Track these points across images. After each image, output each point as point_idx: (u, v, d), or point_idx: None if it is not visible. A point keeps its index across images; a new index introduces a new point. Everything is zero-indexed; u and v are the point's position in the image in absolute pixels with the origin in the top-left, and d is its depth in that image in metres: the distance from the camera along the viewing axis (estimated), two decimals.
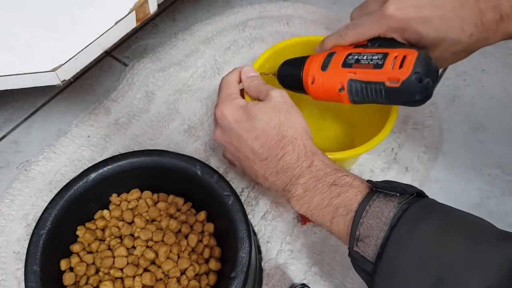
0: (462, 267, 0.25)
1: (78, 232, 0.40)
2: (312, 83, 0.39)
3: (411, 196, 0.29)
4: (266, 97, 0.38)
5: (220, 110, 0.37)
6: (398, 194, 0.29)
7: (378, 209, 0.29)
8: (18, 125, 0.55)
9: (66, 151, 0.51)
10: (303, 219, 0.46)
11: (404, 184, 0.31)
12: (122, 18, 0.40)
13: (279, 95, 0.37)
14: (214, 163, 0.50)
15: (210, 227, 0.41)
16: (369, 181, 0.32)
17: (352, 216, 0.30)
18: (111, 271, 0.38)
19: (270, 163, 0.36)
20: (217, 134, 0.39)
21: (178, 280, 0.38)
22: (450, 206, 0.30)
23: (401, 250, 0.27)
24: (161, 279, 0.38)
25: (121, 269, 0.38)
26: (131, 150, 0.46)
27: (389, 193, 0.30)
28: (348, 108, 0.50)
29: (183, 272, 0.38)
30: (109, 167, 0.40)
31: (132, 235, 0.41)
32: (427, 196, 0.31)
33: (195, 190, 0.40)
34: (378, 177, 0.50)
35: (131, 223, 0.41)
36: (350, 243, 0.30)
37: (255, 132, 0.36)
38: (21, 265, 0.43)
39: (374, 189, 0.31)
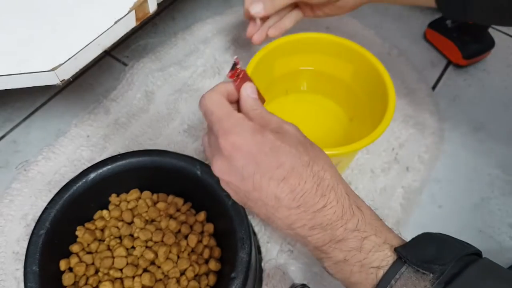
0: None
1: (77, 233, 0.40)
2: None
3: (452, 269, 0.24)
4: (277, 129, 0.28)
5: (230, 141, 0.27)
6: (431, 274, 0.24)
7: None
8: (17, 125, 0.54)
9: (66, 151, 0.51)
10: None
11: (449, 242, 0.27)
12: (122, 18, 0.40)
13: (295, 128, 0.29)
14: None
15: (210, 227, 0.41)
16: (396, 250, 0.26)
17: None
18: (111, 272, 0.38)
19: (303, 214, 0.27)
20: (218, 169, 0.28)
21: (178, 281, 0.38)
22: (506, 276, 0.25)
23: None
24: (160, 280, 0.38)
25: (121, 270, 0.38)
26: (131, 150, 0.46)
27: (419, 270, 0.25)
28: (345, 100, 0.50)
29: (182, 273, 0.38)
30: (109, 167, 0.40)
31: (131, 235, 0.40)
32: (481, 258, 0.26)
33: (195, 190, 0.40)
34: (379, 177, 0.50)
35: (130, 223, 0.41)
36: None
37: (282, 170, 0.26)
38: (21, 265, 0.43)
39: (403, 260, 0.26)
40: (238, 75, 0.31)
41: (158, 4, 0.44)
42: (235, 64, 0.31)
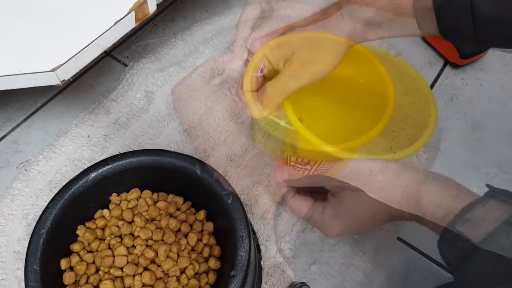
0: None
1: (78, 232, 0.40)
2: None
3: None
4: None
5: None
6: None
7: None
8: (18, 125, 0.55)
9: (66, 151, 0.51)
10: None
11: None
12: (122, 18, 0.41)
13: None
14: (213, 162, 0.51)
15: (209, 226, 0.41)
16: (488, 185, 0.31)
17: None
18: (111, 270, 0.38)
19: None
20: None
21: (178, 279, 0.38)
22: None
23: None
24: (161, 278, 0.38)
25: (121, 268, 0.38)
26: (131, 150, 0.46)
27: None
28: (344, 98, 0.50)
29: (182, 271, 0.39)
30: (109, 166, 0.40)
31: (132, 234, 0.41)
32: None
33: (195, 189, 0.41)
34: (376, 176, 0.50)
35: (131, 222, 0.41)
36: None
37: None
38: (21, 264, 0.43)
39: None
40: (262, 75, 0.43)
41: (158, 5, 0.44)
42: (262, 69, 0.43)
